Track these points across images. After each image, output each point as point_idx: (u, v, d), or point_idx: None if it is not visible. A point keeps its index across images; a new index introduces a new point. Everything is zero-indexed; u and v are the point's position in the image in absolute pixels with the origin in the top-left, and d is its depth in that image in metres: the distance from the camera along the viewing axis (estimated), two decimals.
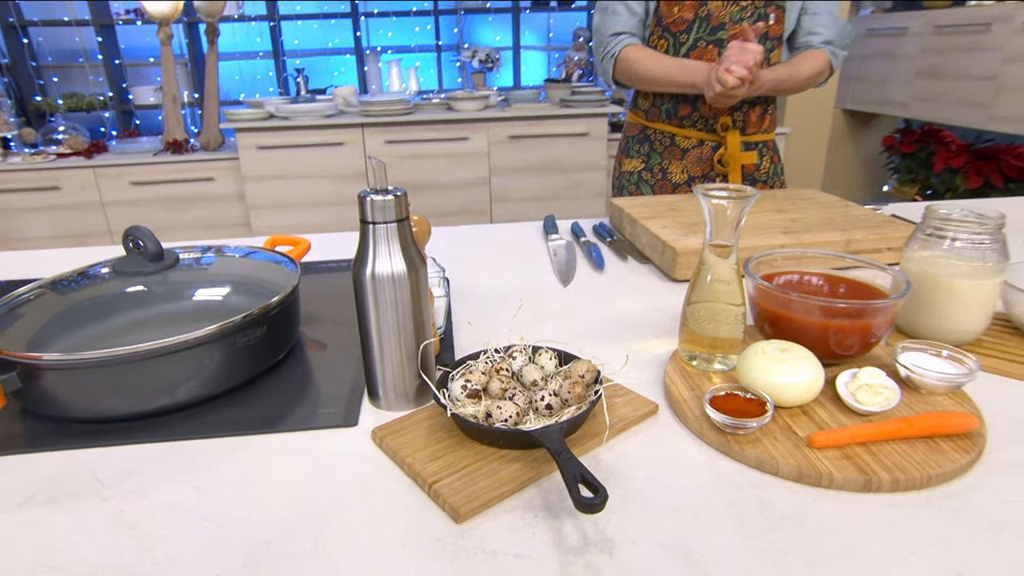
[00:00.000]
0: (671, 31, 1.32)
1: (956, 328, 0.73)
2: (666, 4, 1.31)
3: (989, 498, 0.51)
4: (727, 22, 1.28)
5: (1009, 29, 3.21)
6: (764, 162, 1.42)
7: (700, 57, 1.31)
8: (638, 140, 1.49)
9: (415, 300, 0.63)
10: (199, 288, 0.74)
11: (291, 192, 3.00)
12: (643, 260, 1.08)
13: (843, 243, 1.00)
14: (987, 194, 3.52)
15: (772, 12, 1.29)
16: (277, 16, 3.61)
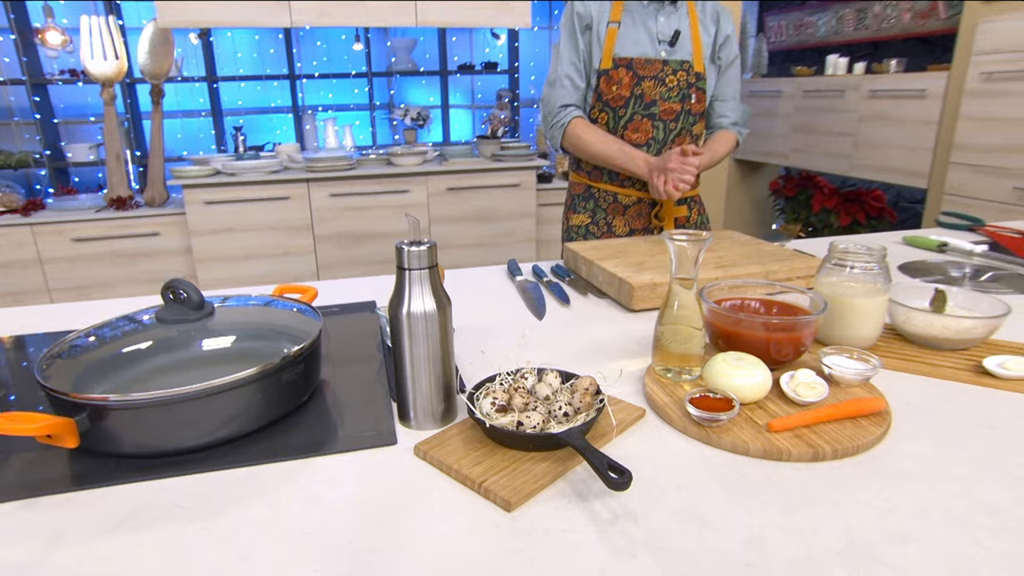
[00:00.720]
0: (611, 106, 1.49)
1: (859, 336, 0.89)
2: (606, 83, 1.47)
3: (898, 457, 0.66)
4: (657, 99, 1.47)
5: (858, 96, 3.69)
6: (693, 214, 1.61)
7: (636, 128, 1.49)
8: (583, 198, 1.63)
9: (443, 334, 0.72)
10: (237, 333, 0.80)
11: (238, 245, 2.97)
12: (600, 295, 1.21)
13: (763, 274, 1.17)
14: (856, 229, 3.95)
15: (693, 93, 1.48)
16: (216, 77, 3.61)
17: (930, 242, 1.52)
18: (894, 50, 4.03)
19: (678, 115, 1.50)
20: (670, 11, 1.48)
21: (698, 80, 1.49)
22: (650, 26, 1.47)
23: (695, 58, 1.49)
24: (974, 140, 3.05)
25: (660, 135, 1.50)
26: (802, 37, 4.73)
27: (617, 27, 1.47)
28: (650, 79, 1.46)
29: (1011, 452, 0.67)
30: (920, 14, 3.79)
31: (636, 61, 1.46)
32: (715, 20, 1.53)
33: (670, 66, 1.46)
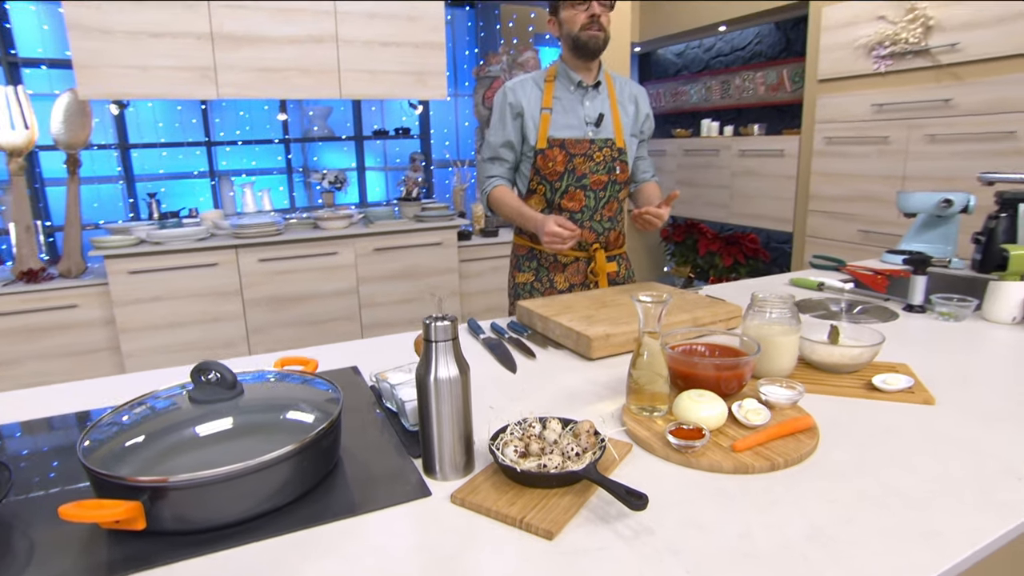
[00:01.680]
0: (548, 180, 1.67)
1: (781, 367, 1.08)
2: (542, 161, 1.66)
3: (830, 461, 0.83)
4: (587, 173, 1.66)
5: (730, 154, 4.17)
6: (621, 269, 1.80)
7: (572, 197, 1.67)
8: (527, 258, 1.79)
9: (465, 395, 0.82)
10: (270, 408, 0.85)
11: (164, 313, 2.85)
12: (559, 347, 1.35)
13: (692, 320, 1.36)
14: (737, 270, 4.40)
15: (617, 165, 1.69)
16: (128, 144, 3.48)
17: (811, 283, 1.80)
18: (755, 115, 4.61)
19: (606, 185, 1.70)
20: (593, 95, 1.70)
21: (620, 154, 1.70)
22: (578, 110, 1.68)
23: (617, 136, 1.70)
24: (825, 192, 3.55)
25: (592, 203, 1.70)
26: (678, 103, 5.27)
27: (549, 112, 1.66)
28: (580, 156, 1.66)
29: (905, 448, 0.86)
30: (771, 87, 4.38)
31: (568, 141, 1.65)
32: (633, 101, 1.76)
33: (596, 144, 1.67)
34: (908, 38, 3.07)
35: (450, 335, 0.80)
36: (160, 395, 0.85)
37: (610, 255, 1.78)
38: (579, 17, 1.58)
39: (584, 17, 1.57)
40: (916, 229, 2.24)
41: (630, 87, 1.78)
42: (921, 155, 3.07)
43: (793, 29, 4.28)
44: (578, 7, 1.57)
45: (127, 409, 0.83)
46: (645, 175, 1.87)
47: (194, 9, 2.74)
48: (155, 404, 0.84)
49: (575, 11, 1.58)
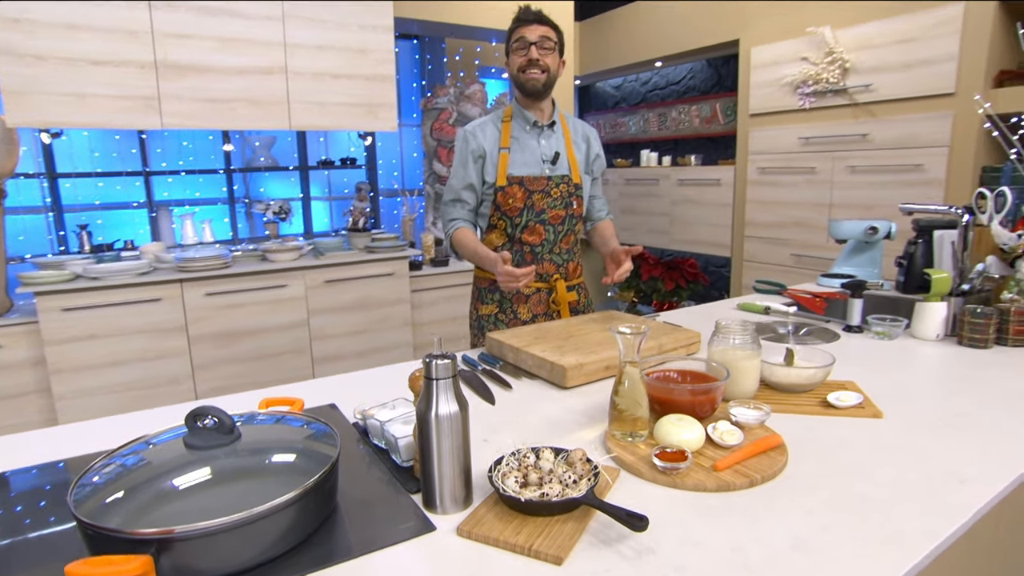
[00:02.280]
0: (508, 216, 1.74)
1: (745, 390, 1.17)
2: (503, 197, 1.72)
3: (800, 475, 0.91)
4: (546, 208, 1.73)
5: (670, 183, 4.39)
6: (581, 298, 1.88)
7: (532, 231, 1.74)
8: (489, 291, 1.83)
9: (465, 430, 0.85)
10: (270, 452, 0.85)
11: (102, 352, 2.71)
12: (532, 377, 1.39)
13: (657, 346, 1.44)
14: (679, 293, 4.60)
15: (574, 200, 1.78)
16: (57, 174, 3.32)
17: (757, 307, 1.93)
18: (691, 146, 4.87)
19: (563, 219, 1.77)
20: (548, 134, 1.78)
21: (576, 190, 1.79)
22: (534, 148, 1.76)
23: (573, 172, 1.79)
24: (760, 218, 3.79)
25: (551, 236, 1.77)
26: (618, 134, 5.51)
27: (508, 152, 1.74)
28: (539, 192, 1.73)
29: (862, 459, 0.95)
30: (705, 119, 4.66)
31: (526, 179, 1.72)
32: (585, 140, 1.86)
33: (553, 180, 1.75)
34: (828, 78, 3.36)
35: (450, 372, 0.84)
36: (154, 442, 0.84)
37: (570, 285, 1.85)
38: (519, 60, 1.67)
39: (523, 60, 1.66)
40: (846, 254, 2.44)
41: (583, 127, 1.88)
42: (845, 184, 3.34)
43: (724, 66, 4.58)
44: (518, 52, 1.67)
45: (119, 456, 0.81)
46: (600, 213, 1.97)
47: (138, 38, 2.68)
48: (149, 452, 0.83)
49: (516, 55, 1.68)
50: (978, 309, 1.54)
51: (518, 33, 1.66)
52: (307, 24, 3.05)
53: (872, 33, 3.14)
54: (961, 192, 2.95)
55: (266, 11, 2.94)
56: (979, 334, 1.54)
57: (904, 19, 3.02)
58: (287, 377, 3.19)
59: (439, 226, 4.16)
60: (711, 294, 4.92)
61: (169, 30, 2.74)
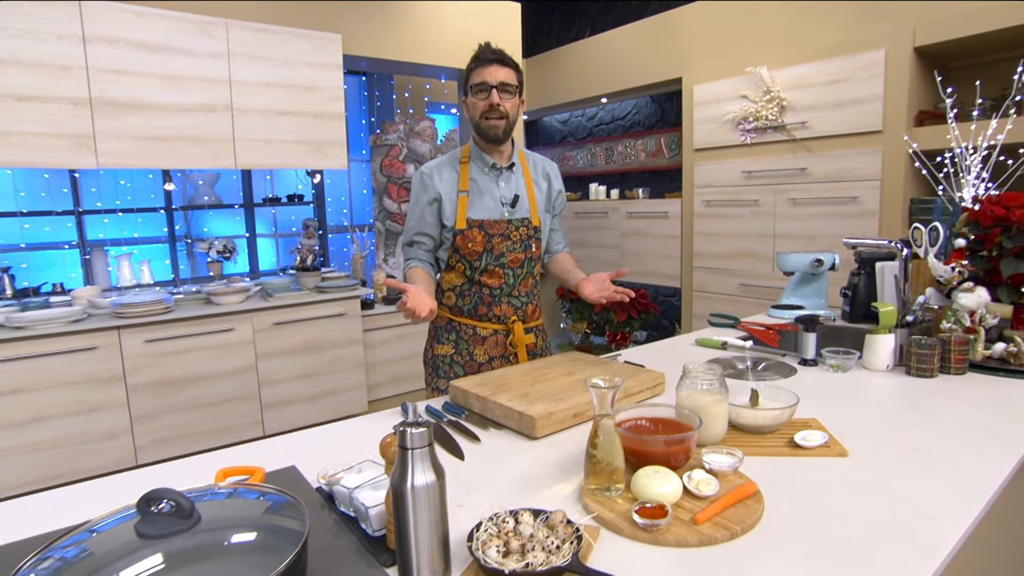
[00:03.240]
0: (467, 259, 1.72)
1: (715, 434, 1.18)
2: (462, 241, 1.70)
3: (778, 522, 0.91)
4: (505, 252, 1.72)
5: (619, 216, 4.48)
6: (538, 340, 1.86)
7: (492, 275, 1.73)
8: (446, 330, 1.80)
9: (442, 499, 0.82)
10: (234, 533, 0.79)
11: (27, 408, 2.52)
12: (499, 427, 1.36)
13: (623, 391, 1.43)
14: (631, 324, 4.66)
15: (533, 243, 1.77)
16: None
17: (715, 342, 1.97)
18: (638, 180, 5.01)
19: (522, 262, 1.76)
20: (508, 176, 1.77)
21: (536, 232, 1.78)
22: (493, 191, 1.74)
23: (532, 214, 1.79)
24: (707, 249, 3.90)
25: (511, 280, 1.75)
26: (565, 167, 5.61)
27: (467, 195, 1.72)
28: (498, 236, 1.71)
29: (834, 501, 0.97)
30: (651, 153, 4.80)
31: (486, 222, 1.71)
32: (546, 177, 1.86)
33: (513, 224, 1.74)
34: (767, 115, 3.53)
35: (426, 441, 0.80)
36: (98, 529, 0.77)
37: (527, 327, 1.83)
38: (479, 105, 1.63)
39: (484, 105, 1.63)
40: (793, 285, 2.53)
41: (543, 164, 1.88)
42: (787, 216, 3.49)
43: (667, 101, 4.76)
44: (479, 96, 1.63)
45: (58, 549, 0.74)
46: (558, 246, 1.98)
47: (71, 74, 2.57)
48: (94, 542, 0.75)
49: (476, 99, 1.64)
50: (923, 340, 1.62)
51: (478, 75, 1.62)
52: (253, 61, 2.99)
53: (806, 73, 3.33)
54: (893, 222, 3.13)
55: (210, 48, 2.87)
56: (925, 364, 1.61)
57: (834, 61, 3.22)
58: (234, 425, 3.04)
59: (390, 263, 4.11)
60: (662, 323, 5.02)
61: (105, 66, 2.63)
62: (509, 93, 1.65)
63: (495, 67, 1.62)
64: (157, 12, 2.74)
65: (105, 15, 2.61)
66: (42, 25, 2.49)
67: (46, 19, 2.49)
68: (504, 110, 1.65)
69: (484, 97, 1.63)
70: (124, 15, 2.65)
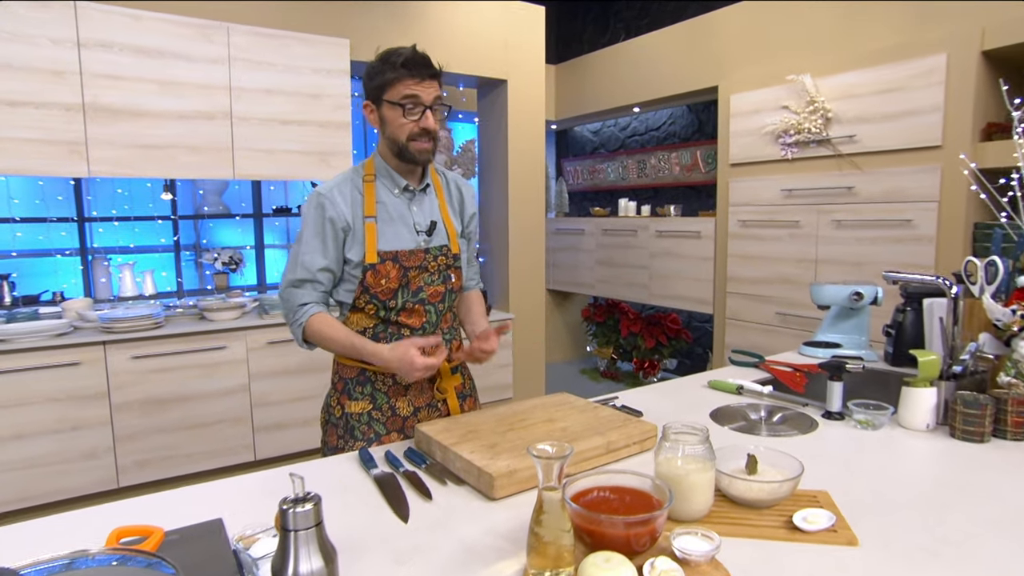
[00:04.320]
0: (379, 298, 1.50)
1: (695, 510, 1.04)
2: (373, 277, 1.48)
3: None
4: (423, 285, 1.55)
5: (648, 234, 4.33)
6: (465, 380, 1.68)
7: (410, 314, 1.53)
8: (358, 382, 1.56)
9: None
10: None
11: (6, 424, 2.53)
12: (459, 482, 1.25)
13: (605, 445, 1.31)
14: (660, 351, 4.49)
15: (452, 273, 1.59)
16: None
17: (729, 386, 1.81)
18: (671, 195, 4.85)
19: (443, 295, 1.58)
20: (421, 198, 1.57)
21: (455, 261, 1.59)
22: (407, 217, 1.53)
23: (451, 241, 1.59)
24: (742, 274, 3.72)
25: (433, 317, 1.57)
26: (596, 181, 5.49)
27: (375, 221, 1.49)
28: (415, 269, 1.52)
29: None
30: (686, 167, 4.64)
31: (401, 254, 1.50)
32: (459, 200, 1.66)
33: (431, 253, 1.55)
34: (810, 128, 3.35)
35: (312, 521, 0.70)
36: None
37: (453, 367, 1.65)
38: (407, 126, 1.42)
39: (414, 127, 1.43)
40: (830, 320, 2.35)
41: (455, 181, 1.68)
42: (831, 240, 3.29)
43: (704, 111, 4.60)
44: (409, 115, 1.42)
45: None
46: (470, 283, 1.76)
47: (64, 79, 2.60)
48: None
49: (404, 119, 1.42)
50: (972, 397, 1.44)
51: (408, 87, 1.39)
52: (254, 67, 2.99)
53: (854, 82, 3.14)
54: (953, 250, 2.90)
55: (210, 53, 2.88)
56: (974, 426, 1.43)
57: (887, 68, 3.02)
58: (222, 448, 3.00)
59: None
60: (695, 352, 4.82)
61: (100, 71, 2.66)
62: (439, 113, 1.47)
63: (429, 82, 1.42)
64: (155, 16, 2.76)
65: (101, 19, 2.64)
66: (35, 28, 2.52)
67: (39, 22, 2.53)
68: (435, 132, 1.47)
69: (415, 117, 1.42)
70: (121, 19, 2.68)
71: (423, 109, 1.42)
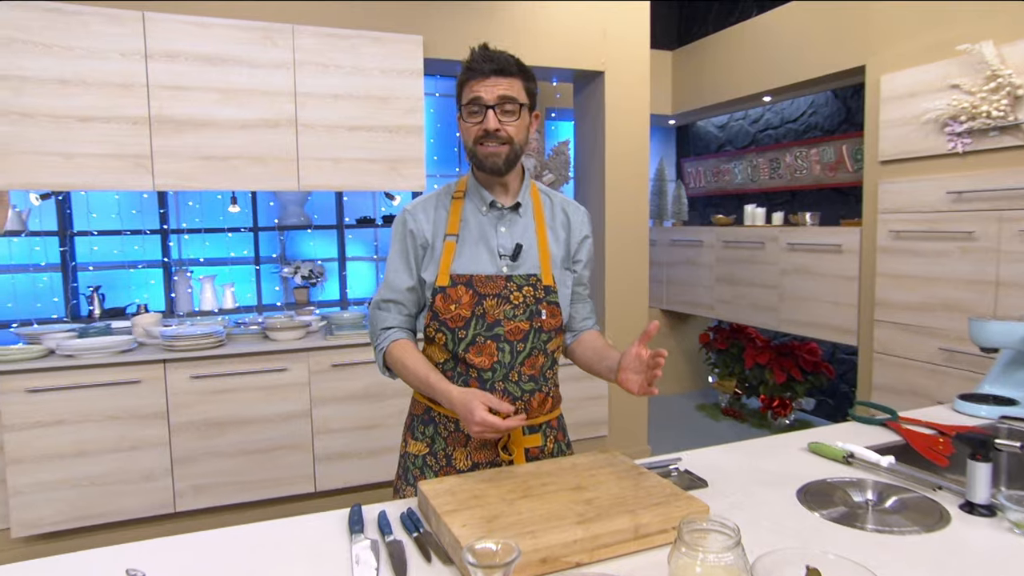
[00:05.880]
0: (448, 327, 1.44)
1: None
2: (443, 302, 1.44)
3: None
4: (502, 319, 1.43)
5: (778, 247, 3.95)
6: (548, 442, 1.54)
7: (480, 351, 1.44)
8: (423, 421, 1.54)
9: None
10: None
11: (69, 440, 2.74)
12: (447, 561, 1.11)
13: (632, 529, 1.11)
14: (792, 387, 4.06)
15: (544, 309, 1.46)
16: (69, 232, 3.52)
17: (835, 452, 1.53)
18: (810, 200, 4.41)
19: (527, 334, 1.46)
20: (512, 220, 1.50)
21: (548, 294, 1.48)
22: (490, 238, 1.48)
23: (543, 270, 1.48)
24: (895, 298, 3.26)
25: (507, 358, 1.45)
26: (720, 184, 5.13)
27: (455, 240, 1.47)
28: (492, 297, 1.44)
29: None
30: (829, 166, 4.20)
31: (476, 278, 1.44)
32: (565, 225, 1.56)
33: (514, 282, 1.45)
34: (990, 111, 2.88)
35: None
36: None
37: (532, 424, 1.51)
38: (472, 129, 1.41)
39: (478, 130, 1.40)
40: (1001, 367, 1.96)
41: (564, 207, 1.58)
42: (1017, 256, 2.78)
43: (853, 97, 4.15)
44: (472, 118, 1.41)
45: None
46: (586, 323, 1.63)
47: (132, 92, 2.80)
48: None
49: (468, 120, 1.42)
50: None
51: (470, 90, 1.40)
52: (320, 71, 3.06)
53: None
54: None
55: (274, 58, 2.98)
56: None
57: None
58: (281, 477, 3.08)
59: None
60: (839, 389, 4.31)
61: (166, 82, 2.83)
62: (510, 113, 1.40)
63: (493, 79, 1.38)
64: (220, 22, 2.89)
65: (168, 28, 2.81)
66: (107, 43, 2.73)
67: (111, 37, 2.73)
68: (506, 134, 1.40)
69: (478, 120, 1.40)
70: (186, 27, 2.84)
71: (485, 110, 1.39)
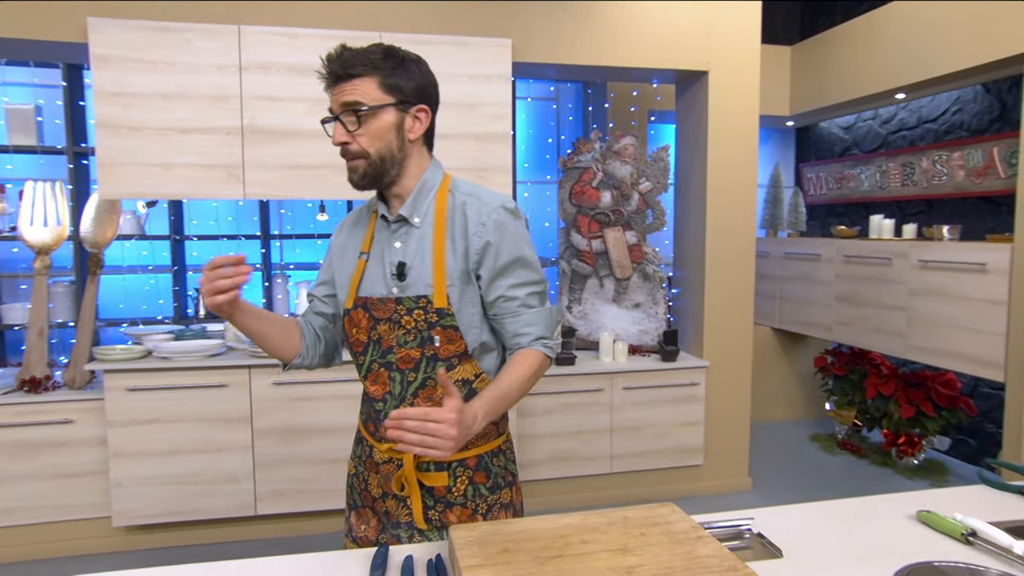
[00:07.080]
0: (353, 351, 1.37)
1: None
2: (348, 325, 1.37)
3: None
4: (394, 346, 1.29)
5: (908, 265, 3.54)
6: (458, 484, 1.33)
7: (375, 379, 1.33)
8: (356, 439, 1.46)
9: None
10: None
11: (162, 439, 2.89)
12: None
13: None
14: (922, 423, 3.63)
15: (437, 335, 1.28)
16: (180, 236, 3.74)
17: (952, 527, 1.28)
18: (949, 210, 3.94)
19: (417, 364, 1.30)
20: (406, 234, 1.32)
21: (441, 318, 1.27)
22: (385, 256, 1.33)
23: (435, 291, 1.28)
24: None
25: (397, 388, 1.31)
26: (844, 191, 4.71)
27: (366, 260, 1.36)
28: (385, 321, 1.30)
29: None
30: (975, 171, 3.73)
31: (370, 301, 1.32)
32: (463, 230, 1.30)
33: (404, 305, 1.28)
34: None
35: None
36: None
37: (436, 462, 1.32)
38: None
39: (334, 141, 1.27)
40: None
41: (465, 206, 1.31)
42: None
43: (1010, 92, 3.65)
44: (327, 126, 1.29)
45: None
46: (517, 340, 1.33)
47: (227, 103, 2.90)
48: None
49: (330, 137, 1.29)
50: None
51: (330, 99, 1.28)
52: None
53: None
54: None
55: None
56: None
57: None
58: None
59: (575, 311, 3.85)
60: (984, 429, 3.80)
61: (257, 93, 2.92)
62: (354, 121, 1.22)
63: (338, 85, 1.24)
64: (309, 32, 2.95)
65: (260, 40, 2.90)
66: (205, 57, 2.85)
67: (209, 51, 2.85)
68: (358, 147, 1.24)
69: (331, 134, 1.28)
70: (279, 39, 2.91)
71: (333, 120, 1.28)
